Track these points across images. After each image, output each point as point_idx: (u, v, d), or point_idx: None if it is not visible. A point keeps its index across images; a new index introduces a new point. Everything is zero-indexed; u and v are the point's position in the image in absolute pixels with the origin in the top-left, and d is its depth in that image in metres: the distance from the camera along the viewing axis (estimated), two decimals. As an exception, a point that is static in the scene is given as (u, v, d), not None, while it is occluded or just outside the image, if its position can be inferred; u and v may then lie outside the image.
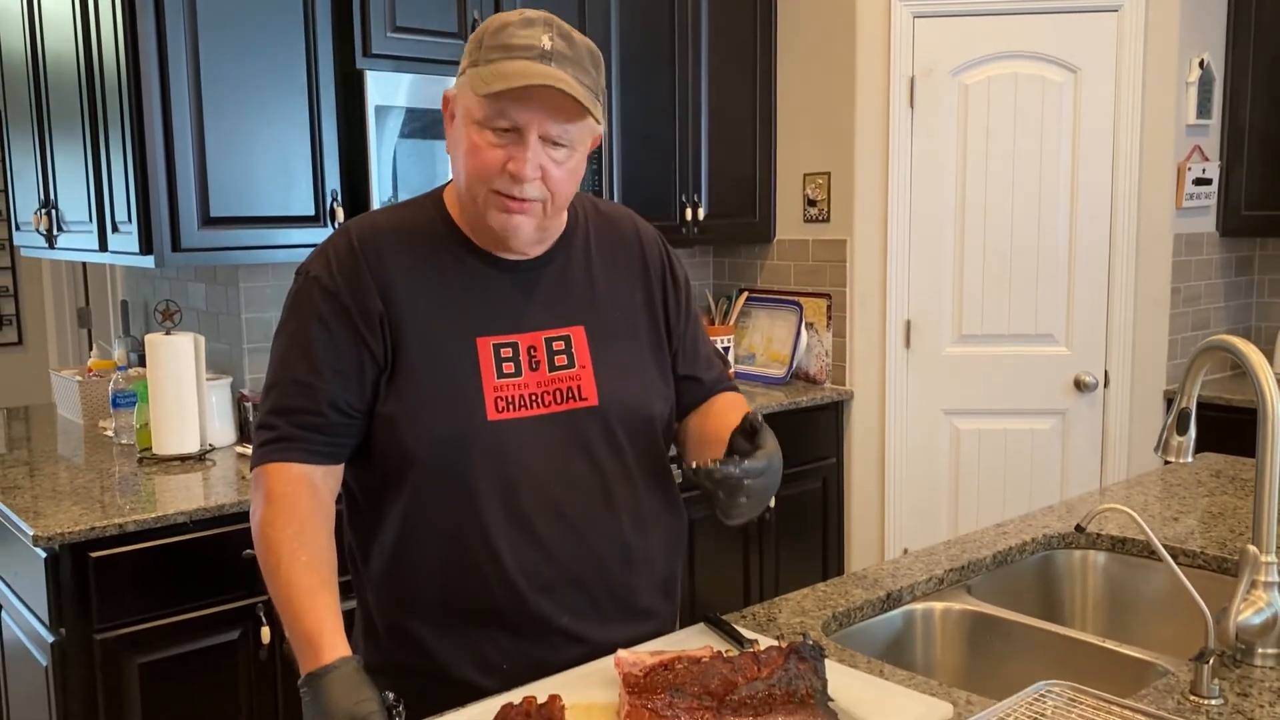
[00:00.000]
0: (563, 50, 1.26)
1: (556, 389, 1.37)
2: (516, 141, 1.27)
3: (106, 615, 2.16)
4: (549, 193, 1.30)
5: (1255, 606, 1.34)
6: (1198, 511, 2.05)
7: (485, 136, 1.27)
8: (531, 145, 1.26)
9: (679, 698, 1.15)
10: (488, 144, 1.27)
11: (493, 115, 1.26)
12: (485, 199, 1.30)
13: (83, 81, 2.74)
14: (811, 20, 3.66)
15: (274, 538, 1.24)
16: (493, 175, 1.28)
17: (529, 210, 1.30)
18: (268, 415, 1.33)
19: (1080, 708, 1.21)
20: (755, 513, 1.31)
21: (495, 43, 1.27)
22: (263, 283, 3.01)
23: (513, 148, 1.27)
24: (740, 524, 1.33)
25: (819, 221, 3.70)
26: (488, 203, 1.30)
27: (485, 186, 1.29)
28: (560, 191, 1.31)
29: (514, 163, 1.26)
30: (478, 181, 1.29)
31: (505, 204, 1.29)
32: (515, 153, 1.26)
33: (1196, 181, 3.53)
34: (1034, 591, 1.88)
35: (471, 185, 1.31)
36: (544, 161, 1.28)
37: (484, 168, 1.28)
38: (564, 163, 1.30)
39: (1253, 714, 1.22)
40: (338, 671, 1.13)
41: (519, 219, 1.30)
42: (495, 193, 1.29)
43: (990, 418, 3.57)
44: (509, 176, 1.27)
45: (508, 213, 1.29)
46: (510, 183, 1.27)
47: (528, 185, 1.27)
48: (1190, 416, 1.49)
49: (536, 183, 1.28)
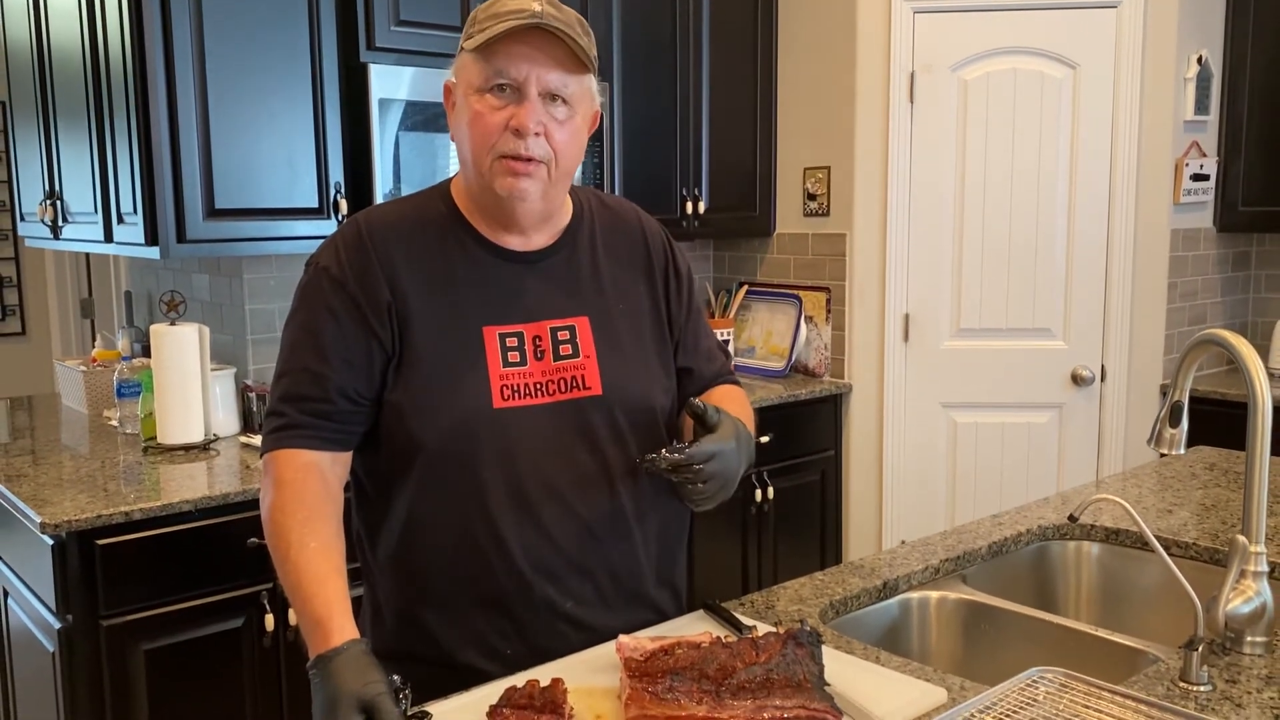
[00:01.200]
0: (552, 13, 1.30)
1: (561, 378, 1.39)
2: (517, 100, 1.30)
3: (112, 602, 2.19)
4: (552, 152, 1.33)
5: (1244, 595, 1.36)
6: (1192, 504, 2.07)
7: (486, 101, 1.31)
8: (532, 98, 1.30)
9: (679, 681, 1.17)
10: (489, 108, 1.31)
11: (490, 76, 1.30)
12: (491, 167, 1.32)
13: (88, 74, 2.76)
14: (812, 15, 3.67)
15: (283, 523, 1.27)
16: (496, 136, 1.31)
17: (534, 173, 1.32)
18: (278, 403, 1.35)
19: (1071, 694, 1.24)
20: (718, 498, 1.34)
21: (487, 14, 1.32)
22: (266, 274, 3.03)
23: (513, 106, 1.30)
24: (708, 509, 1.36)
25: (819, 215, 3.72)
26: (494, 170, 1.32)
27: (491, 154, 1.32)
28: (563, 153, 1.34)
29: (516, 119, 1.29)
30: (483, 149, 1.32)
31: (511, 166, 1.31)
32: (516, 110, 1.30)
33: (1194, 177, 3.55)
34: (1029, 582, 1.91)
35: (478, 155, 1.33)
36: (545, 119, 1.31)
37: (488, 131, 1.31)
38: (565, 122, 1.33)
39: (1240, 700, 1.25)
40: (346, 654, 1.15)
41: (525, 182, 1.32)
42: (501, 158, 1.31)
43: (988, 411, 3.60)
44: (512, 133, 1.30)
45: (514, 175, 1.32)
46: (514, 140, 1.30)
47: (532, 142, 1.30)
48: (1183, 409, 1.51)
49: (540, 140, 1.31)
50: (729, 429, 1.33)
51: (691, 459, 1.28)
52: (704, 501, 1.33)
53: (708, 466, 1.29)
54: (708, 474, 1.30)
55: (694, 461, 1.28)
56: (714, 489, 1.32)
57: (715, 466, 1.30)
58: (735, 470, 1.34)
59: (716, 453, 1.30)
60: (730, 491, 1.36)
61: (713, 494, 1.32)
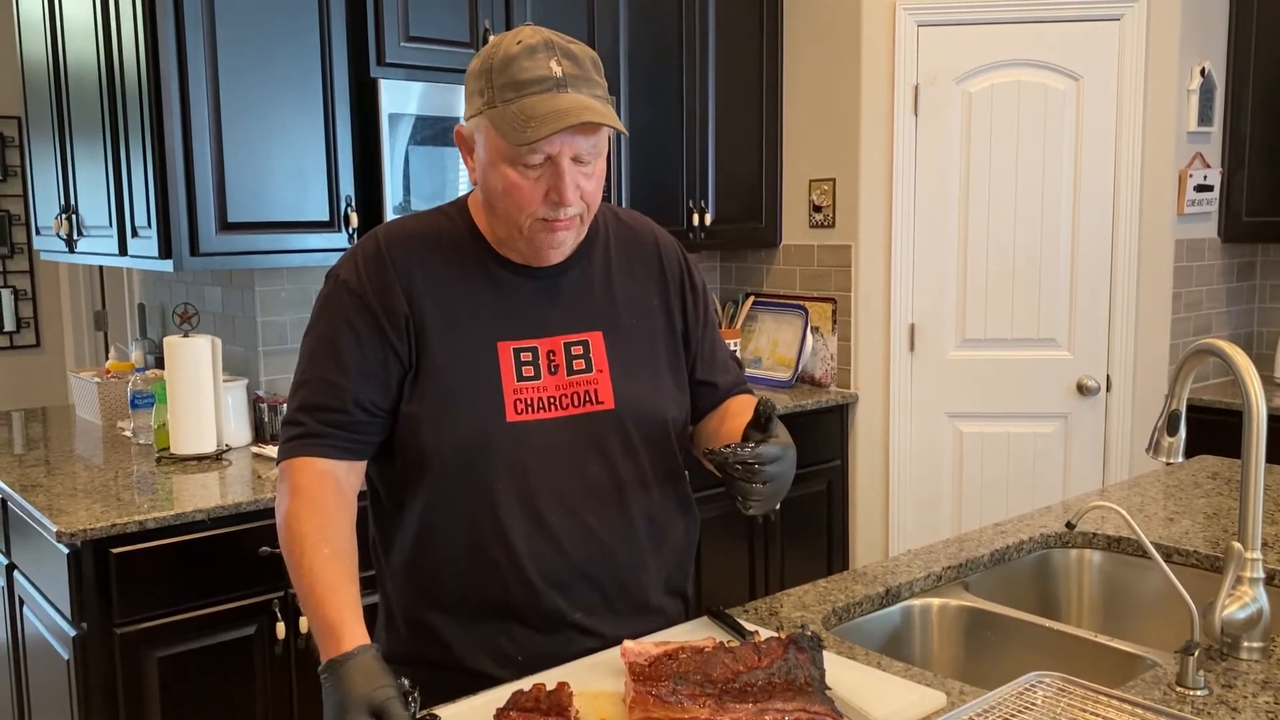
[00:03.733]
0: (572, 72, 1.30)
1: (574, 392, 1.42)
2: (551, 171, 1.31)
3: (127, 610, 2.22)
4: (585, 205, 1.36)
5: (1241, 601, 1.38)
6: (1194, 513, 2.09)
7: (520, 172, 1.32)
8: (567, 170, 1.31)
9: (682, 685, 1.20)
10: (524, 179, 1.32)
11: (525, 153, 1.30)
12: (530, 225, 1.35)
13: (104, 90, 2.81)
14: (817, 28, 3.71)
15: (298, 530, 1.29)
16: (536, 207, 1.33)
17: (572, 226, 1.37)
18: (296, 412, 1.38)
19: (1068, 698, 1.26)
20: (772, 502, 1.35)
21: (506, 80, 1.30)
22: (277, 286, 3.07)
23: (549, 178, 1.32)
24: (759, 513, 1.37)
25: (824, 227, 3.75)
26: (533, 228, 1.35)
27: (530, 217, 1.34)
28: (593, 201, 1.38)
29: (555, 192, 1.32)
30: (520, 214, 1.34)
31: (551, 226, 1.35)
32: (553, 182, 1.32)
33: (1198, 188, 3.57)
34: (1031, 589, 1.92)
35: (513, 217, 1.35)
36: (577, 179, 1.33)
37: (527, 202, 1.33)
38: (593, 175, 1.36)
39: (1236, 704, 1.27)
40: (357, 659, 1.17)
41: (563, 234, 1.36)
42: (540, 219, 1.34)
43: (993, 421, 3.62)
44: (551, 205, 1.33)
45: (553, 232, 1.35)
46: (554, 209, 1.33)
47: (569, 206, 1.33)
48: (1180, 418, 1.54)
49: (575, 200, 1.34)
50: (786, 438, 1.36)
51: (760, 458, 1.30)
52: (758, 503, 1.34)
53: (770, 468, 1.31)
54: (769, 475, 1.32)
55: (761, 460, 1.31)
56: (770, 491, 1.33)
57: (776, 469, 1.32)
58: (789, 477, 1.36)
59: (780, 456, 1.32)
60: (780, 498, 1.37)
61: (768, 496, 1.34)
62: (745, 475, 1.31)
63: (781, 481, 1.34)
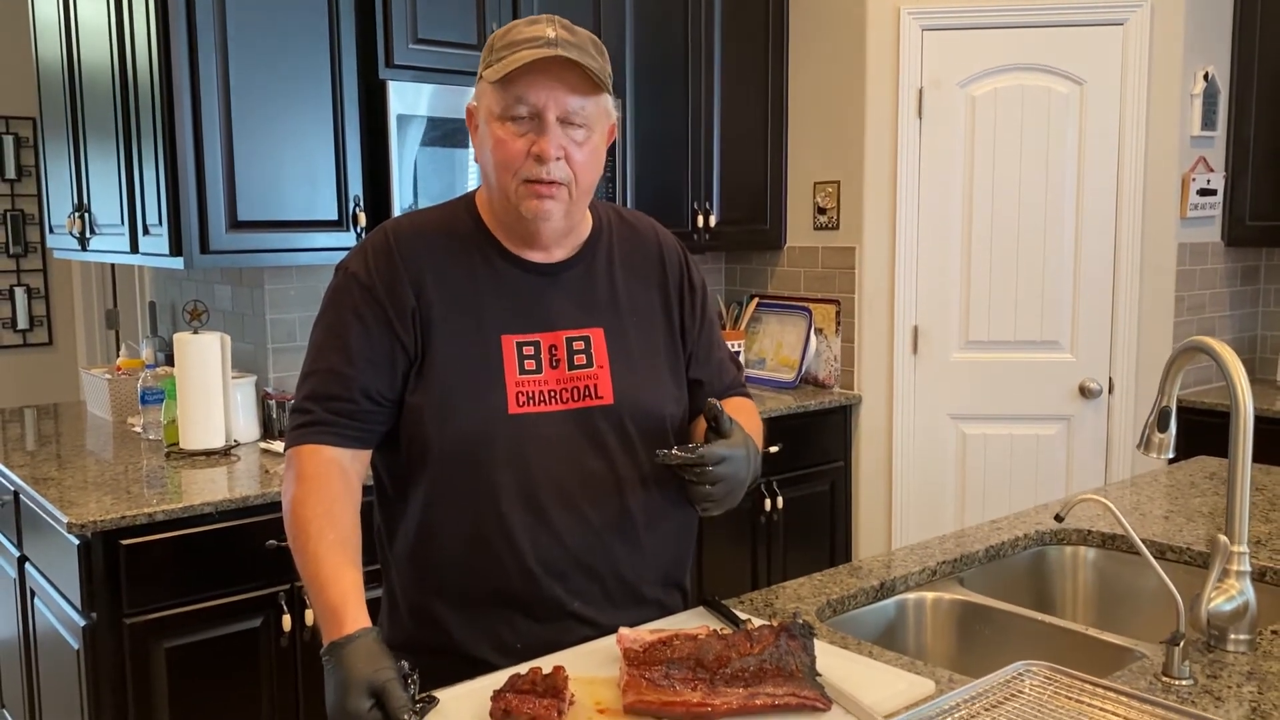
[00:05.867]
0: (566, 37, 1.36)
1: (574, 387, 1.45)
2: (537, 128, 1.36)
3: (136, 601, 2.26)
4: (572, 174, 1.39)
5: (1227, 594, 1.40)
6: (1189, 511, 2.11)
7: (507, 129, 1.37)
8: (551, 126, 1.35)
9: (675, 669, 1.23)
10: (511, 135, 1.37)
11: (510, 104, 1.36)
12: (517, 190, 1.38)
13: (117, 92, 2.85)
14: (822, 32, 3.74)
15: (304, 516, 1.32)
16: (519, 162, 1.37)
17: (557, 194, 1.39)
18: (303, 400, 1.41)
19: (1055, 686, 1.28)
20: (726, 504, 1.39)
21: (503, 42, 1.38)
22: (286, 284, 3.11)
23: (534, 134, 1.36)
24: (715, 513, 1.41)
25: (828, 229, 3.78)
26: (519, 193, 1.39)
27: (515, 178, 1.38)
28: (583, 175, 1.40)
29: (537, 146, 1.36)
30: (506, 173, 1.38)
31: (536, 189, 1.38)
32: (537, 138, 1.36)
33: (1201, 192, 3.58)
34: (1025, 585, 1.95)
35: (502, 180, 1.39)
36: (564, 143, 1.37)
37: (511, 157, 1.37)
38: (583, 144, 1.39)
39: (1220, 694, 1.29)
40: (358, 641, 1.20)
41: (549, 203, 1.39)
42: (525, 181, 1.38)
43: (996, 423, 3.64)
44: (534, 160, 1.36)
45: (539, 198, 1.38)
46: (537, 166, 1.36)
47: (553, 166, 1.36)
48: (1170, 414, 1.56)
49: (561, 163, 1.37)
50: (740, 437, 1.39)
51: (703, 459, 1.34)
52: (711, 505, 1.39)
53: (717, 469, 1.35)
54: (716, 476, 1.35)
55: (705, 462, 1.34)
56: (721, 492, 1.37)
57: (725, 470, 1.36)
58: (743, 478, 1.39)
59: (727, 457, 1.36)
60: (737, 499, 1.41)
61: (720, 497, 1.38)
62: (694, 477, 1.35)
63: (733, 482, 1.38)
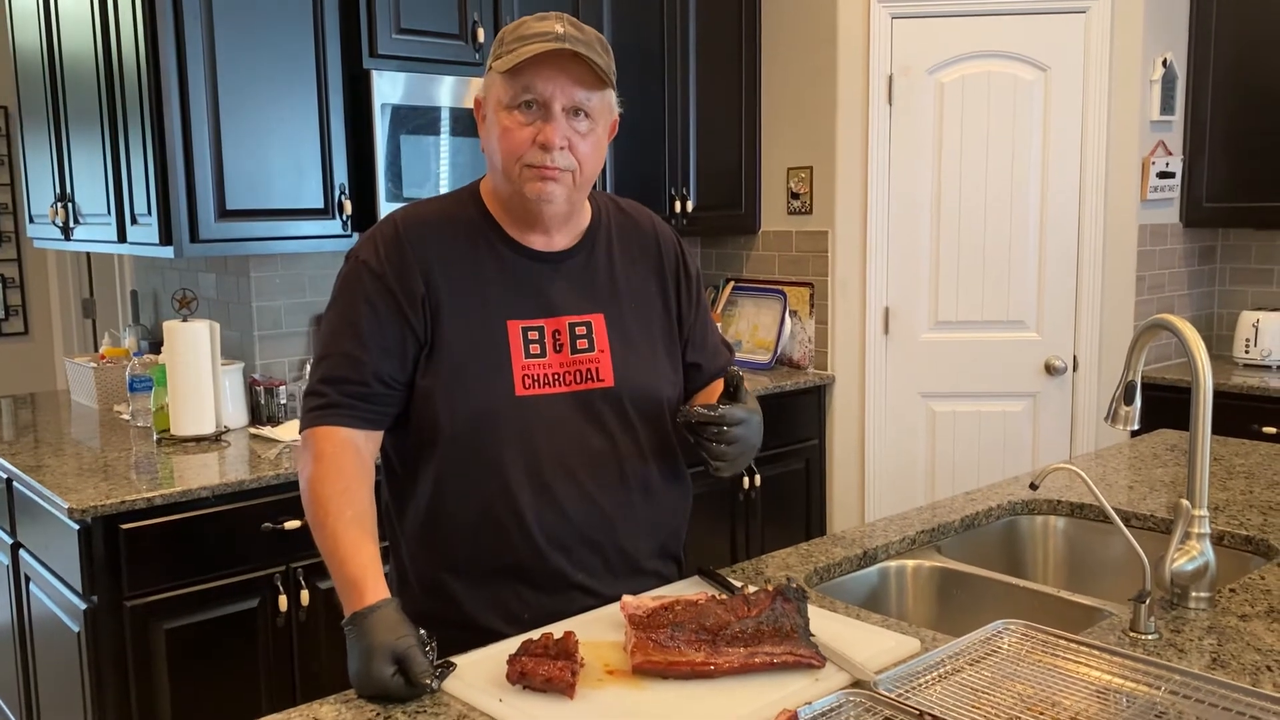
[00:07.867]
0: (575, 34, 1.43)
1: (577, 370, 1.52)
2: (544, 117, 1.43)
3: (136, 584, 2.30)
4: (576, 163, 1.46)
5: (1189, 555, 1.50)
6: (1153, 481, 2.22)
7: (514, 118, 1.43)
8: (556, 116, 1.42)
9: (679, 631, 1.30)
10: (517, 124, 1.43)
11: (518, 93, 1.42)
12: (521, 174, 1.45)
13: (101, 80, 2.87)
14: (794, 21, 3.81)
15: (322, 494, 1.38)
16: (524, 150, 1.43)
17: (560, 179, 1.45)
18: (318, 384, 1.47)
19: (1031, 642, 1.37)
20: (740, 464, 1.49)
21: (514, 36, 1.44)
22: (271, 272, 3.15)
23: (540, 123, 1.43)
24: (728, 474, 1.50)
25: (802, 214, 3.86)
26: (523, 177, 1.45)
27: (520, 163, 1.44)
28: (586, 163, 1.47)
29: (542, 135, 1.42)
30: (512, 160, 1.45)
31: (540, 172, 1.44)
32: (543, 126, 1.42)
33: (1160, 175, 3.70)
34: (999, 552, 2.04)
35: (507, 165, 1.46)
36: (569, 133, 1.43)
37: (517, 145, 1.43)
38: (587, 135, 1.46)
39: (1183, 647, 1.39)
40: (380, 611, 1.27)
41: (551, 186, 1.45)
42: (529, 166, 1.44)
43: (965, 400, 3.75)
44: (539, 148, 1.43)
45: (543, 180, 1.45)
46: (541, 154, 1.43)
47: (557, 154, 1.43)
48: (1136, 388, 1.66)
49: (565, 152, 1.44)
50: (755, 405, 1.50)
51: (724, 418, 1.44)
52: (724, 464, 1.48)
53: (735, 429, 1.45)
54: (734, 436, 1.45)
55: (726, 421, 1.44)
56: (735, 452, 1.47)
57: (741, 431, 1.46)
58: (755, 442, 1.50)
59: (745, 419, 1.46)
60: (747, 460, 1.51)
61: (733, 457, 1.48)
62: (713, 436, 1.45)
63: (746, 443, 1.48)
